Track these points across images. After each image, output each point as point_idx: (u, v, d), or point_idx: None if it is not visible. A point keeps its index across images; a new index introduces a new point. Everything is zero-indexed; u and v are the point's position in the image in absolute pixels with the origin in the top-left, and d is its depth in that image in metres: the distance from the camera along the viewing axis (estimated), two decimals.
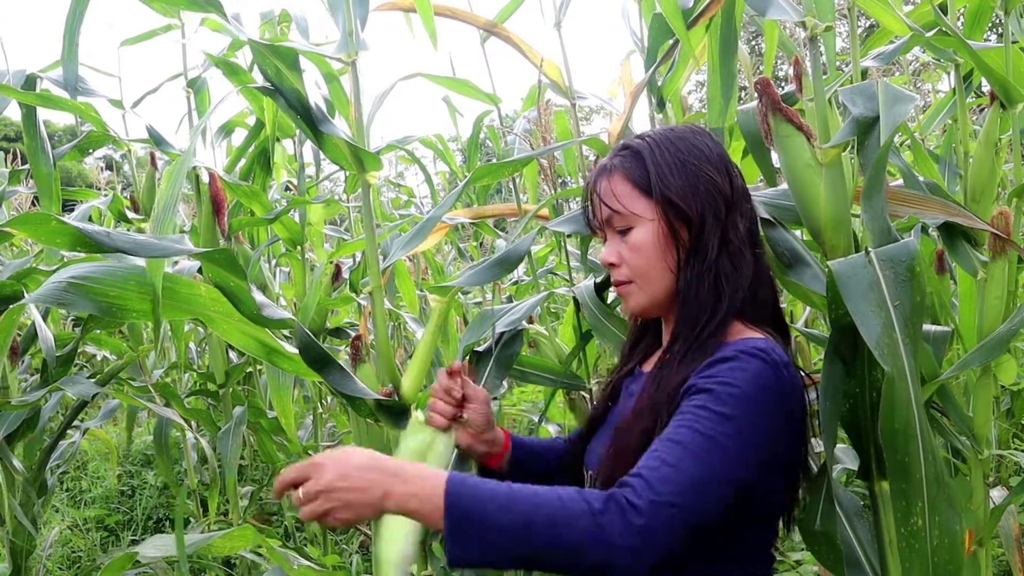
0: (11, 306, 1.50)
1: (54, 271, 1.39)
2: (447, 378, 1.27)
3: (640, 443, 1.08)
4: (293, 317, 1.40)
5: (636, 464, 1.00)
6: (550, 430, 2.87)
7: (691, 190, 1.16)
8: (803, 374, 1.17)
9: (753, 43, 11.82)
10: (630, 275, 1.20)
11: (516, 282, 3.76)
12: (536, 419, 2.70)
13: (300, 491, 0.96)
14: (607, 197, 1.20)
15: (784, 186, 1.44)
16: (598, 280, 1.86)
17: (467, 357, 1.78)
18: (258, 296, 1.38)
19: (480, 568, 0.96)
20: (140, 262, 1.30)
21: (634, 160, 1.19)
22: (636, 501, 0.94)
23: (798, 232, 1.51)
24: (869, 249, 1.18)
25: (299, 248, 2.83)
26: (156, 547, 1.43)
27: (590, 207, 1.26)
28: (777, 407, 1.07)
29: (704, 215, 1.15)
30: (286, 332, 1.58)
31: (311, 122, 1.38)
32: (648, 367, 1.28)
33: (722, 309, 1.13)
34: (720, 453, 1.01)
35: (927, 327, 1.62)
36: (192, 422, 3.03)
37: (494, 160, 2.28)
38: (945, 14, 1.70)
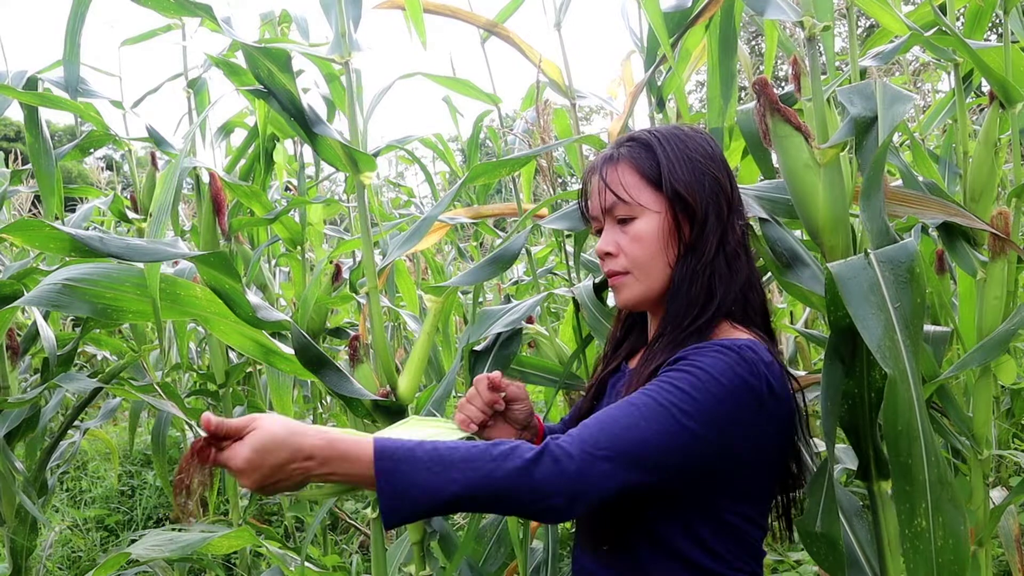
0: (3, 308, 1.50)
1: (54, 271, 1.39)
2: (489, 391, 1.21)
3: None
4: (289, 319, 1.40)
5: None
6: None
7: (698, 186, 1.16)
8: (790, 379, 1.16)
9: (753, 43, 11.82)
10: (627, 266, 1.19)
11: (516, 282, 3.76)
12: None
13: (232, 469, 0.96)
14: (614, 185, 1.18)
15: (776, 180, 1.44)
16: (597, 280, 1.86)
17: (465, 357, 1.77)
18: (253, 298, 1.37)
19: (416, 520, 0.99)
20: (137, 264, 1.30)
21: (643, 151, 1.19)
22: (570, 450, 0.98)
23: (797, 232, 1.51)
24: (869, 251, 1.18)
25: (299, 248, 2.83)
26: (151, 546, 1.43)
27: (589, 194, 1.24)
28: (747, 402, 1.07)
29: (708, 212, 1.15)
30: (285, 332, 1.58)
31: (304, 124, 1.37)
32: (634, 364, 1.27)
33: (712, 308, 1.13)
34: (666, 421, 1.01)
35: (927, 327, 1.62)
36: (193, 421, 3.03)
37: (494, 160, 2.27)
38: (945, 14, 1.70)
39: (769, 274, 1.51)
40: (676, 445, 1.03)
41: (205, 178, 2.38)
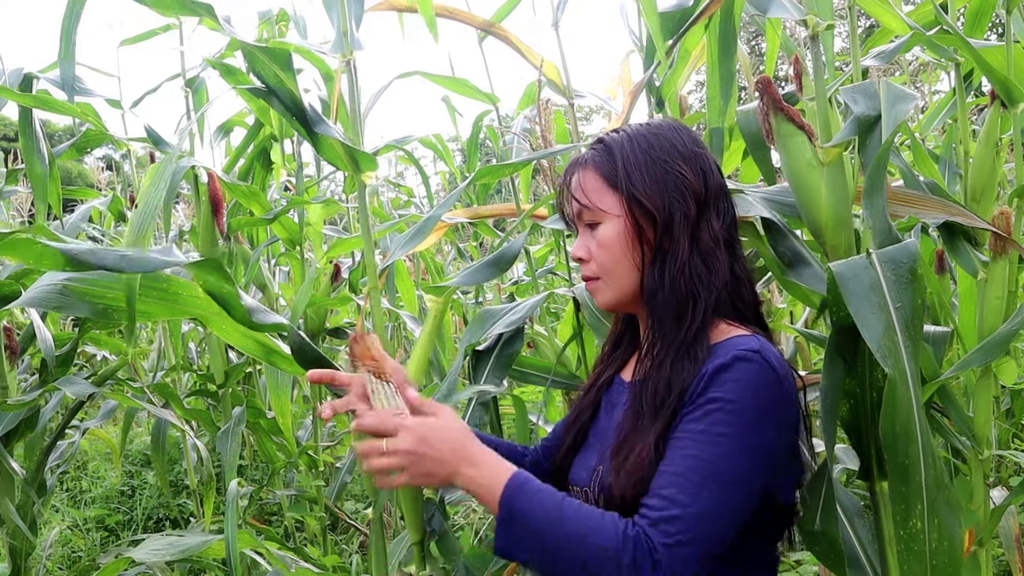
0: (1, 308, 1.49)
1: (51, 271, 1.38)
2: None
3: (655, 460, 1.06)
4: (287, 321, 1.39)
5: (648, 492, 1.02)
6: (548, 431, 2.86)
7: (658, 187, 1.13)
8: (795, 375, 1.15)
9: (753, 43, 11.82)
10: (597, 271, 1.19)
11: (516, 282, 3.75)
12: (536, 419, 2.70)
13: (384, 443, 1.04)
14: (576, 191, 1.19)
15: (785, 183, 1.43)
16: None
17: (467, 357, 1.77)
18: (249, 301, 1.36)
19: (520, 563, 1.05)
20: None
21: (605, 154, 1.18)
22: (655, 554, 0.96)
23: (799, 232, 1.51)
24: (870, 251, 1.18)
25: (298, 248, 2.83)
26: (150, 551, 1.42)
27: (567, 199, 1.24)
28: (776, 410, 1.05)
29: (672, 213, 1.12)
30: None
31: (306, 123, 1.37)
32: (628, 375, 1.25)
33: (700, 311, 1.10)
34: (723, 479, 1.00)
35: (927, 327, 1.61)
36: (192, 423, 3.02)
37: (493, 160, 2.27)
38: (946, 13, 1.69)
39: (769, 274, 1.50)
40: (747, 504, 1.03)
41: (204, 178, 2.38)
